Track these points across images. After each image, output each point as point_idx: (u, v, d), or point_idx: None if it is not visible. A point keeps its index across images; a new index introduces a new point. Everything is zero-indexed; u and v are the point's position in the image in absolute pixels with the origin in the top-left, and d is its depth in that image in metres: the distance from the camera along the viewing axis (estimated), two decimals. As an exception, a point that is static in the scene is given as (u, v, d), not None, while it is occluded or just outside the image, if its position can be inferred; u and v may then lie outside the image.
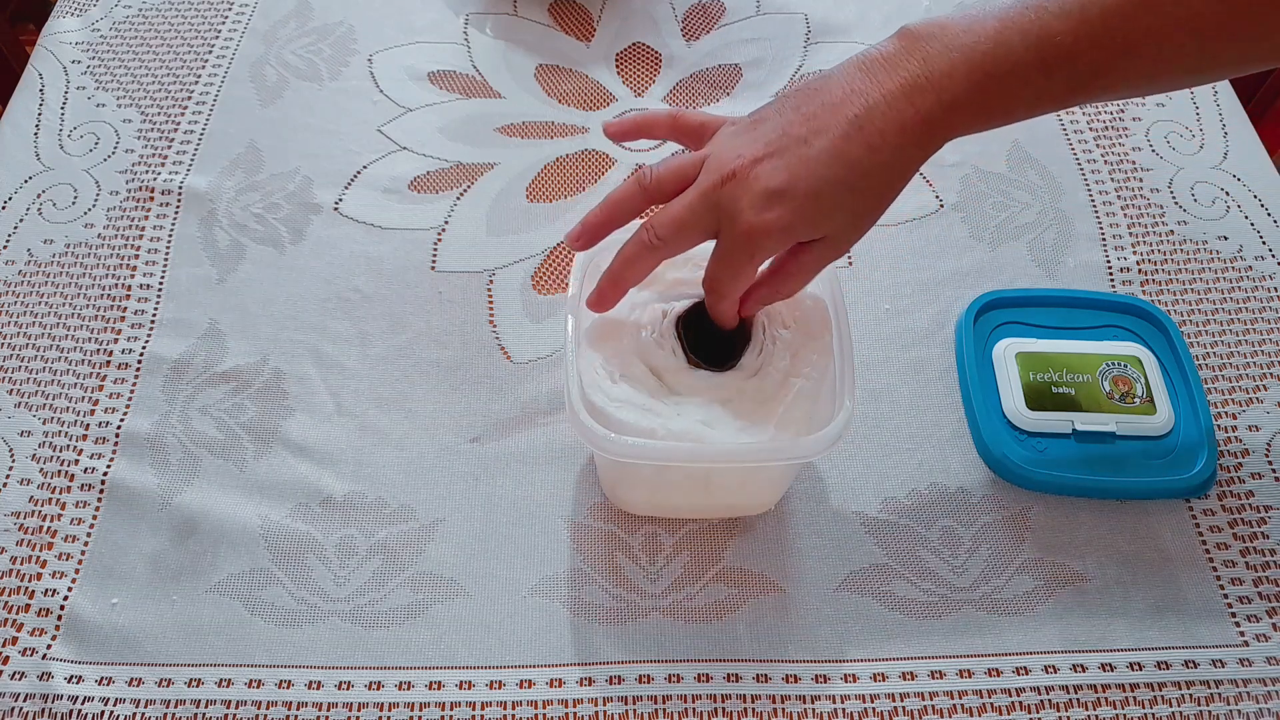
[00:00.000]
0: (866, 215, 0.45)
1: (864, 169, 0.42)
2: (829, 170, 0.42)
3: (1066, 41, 0.41)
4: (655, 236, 0.45)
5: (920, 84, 0.42)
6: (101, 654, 0.51)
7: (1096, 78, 0.42)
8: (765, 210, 0.42)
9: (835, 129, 0.42)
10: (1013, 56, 0.41)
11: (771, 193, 0.42)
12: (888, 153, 0.42)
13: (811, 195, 0.42)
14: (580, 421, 0.45)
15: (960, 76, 0.41)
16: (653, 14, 0.82)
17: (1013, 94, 0.42)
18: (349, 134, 0.73)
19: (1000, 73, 0.41)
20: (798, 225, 0.43)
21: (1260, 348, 0.63)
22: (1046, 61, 0.41)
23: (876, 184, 0.43)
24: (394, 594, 0.53)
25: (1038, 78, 0.42)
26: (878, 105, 0.42)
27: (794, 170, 0.42)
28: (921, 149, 0.43)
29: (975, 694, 0.50)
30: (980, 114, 0.43)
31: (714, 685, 0.51)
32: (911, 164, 0.44)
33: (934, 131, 0.43)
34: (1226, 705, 0.50)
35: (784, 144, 0.43)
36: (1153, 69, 0.42)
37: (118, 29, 0.79)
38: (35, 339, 0.62)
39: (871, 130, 0.42)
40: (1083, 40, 0.41)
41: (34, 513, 0.55)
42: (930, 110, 0.42)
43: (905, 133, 0.42)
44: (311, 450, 0.58)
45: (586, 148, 0.73)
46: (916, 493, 0.57)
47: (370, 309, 0.64)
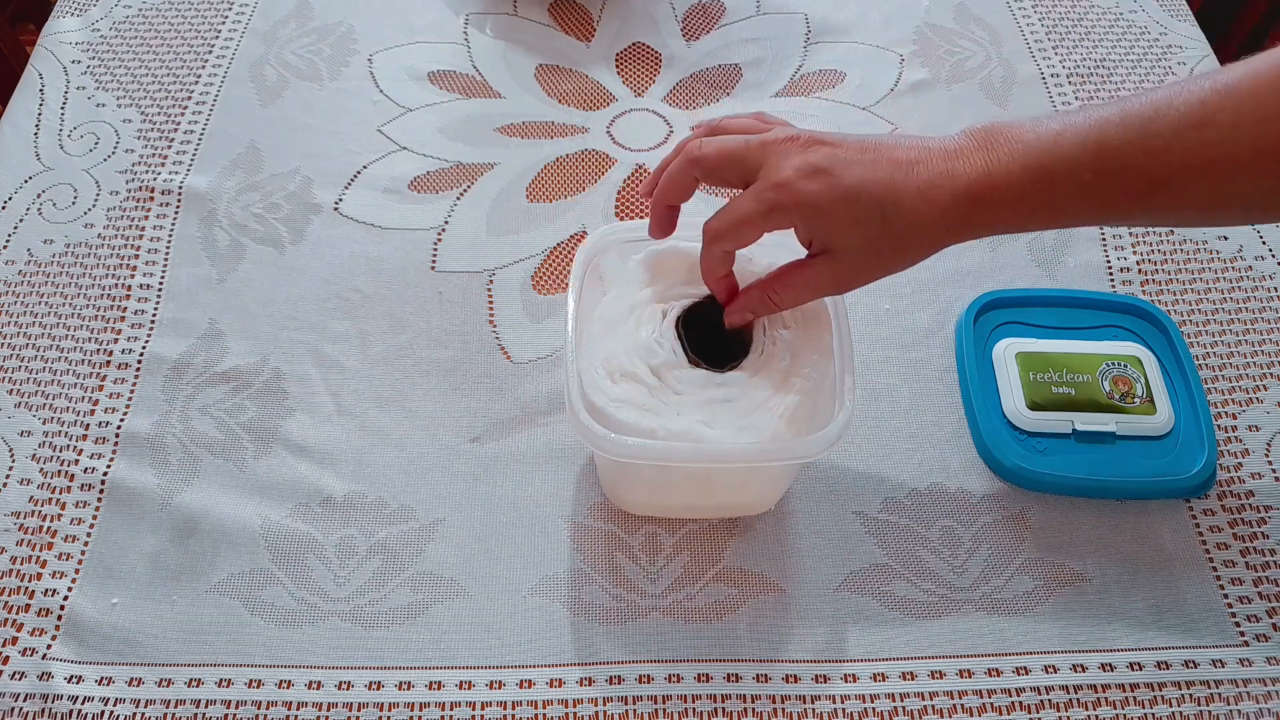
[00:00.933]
0: (879, 255, 0.44)
1: (903, 208, 0.43)
2: (875, 186, 0.43)
3: (1124, 149, 0.41)
4: (698, 155, 0.45)
5: (980, 168, 0.42)
6: (101, 654, 0.51)
7: (1154, 191, 0.42)
8: (805, 177, 0.43)
9: (896, 166, 0.43)
10: (1068, 156, 0.42)
11: (819, 168, 0.43)
12: (929, 210, 0.43)
13: (849, 193, 0.42)
14: (580, 421, 0.45)
15: (1017, 167, 0.42)
16: (653, 14, 0.82)
17: (1064, 193, 0.42)
18: (349, 134, 0.73)
19: (1055, 169, 0.42)
20: (823, 209, 0.43)
21: (1260, 348, 0.63)
22: (1102, 165, 0.41)
23: (907, 230, 0.43)
24: (394, 594, 0.53)
25: (1092, 180, 0.42)
26: (938, 172, 0.43)
27: (847, 166, 0.43)
28: (962, 223, 0.43)
29: (975, 694, 0.50)
30: (1029, 208, 0.43)
31: (714, 685, 0.51)
32: (945, 233, 0.44)
33: (981, 212, 0.43)
34: (1226, 705, 0.50)
35: (849, 148, 0.44)
36: (1214, 191, 0.41)
37: (118, 29, 0.79)
38: (35, 339, 0.62)
39: (924, 183, 0.43)
40: (1139, 151, 0.41)
41: (34, 513, 0.55)
42: (982, 192, 0.42)
43: (954, 202, 0.42)
44: (311, 450, 0.58)
45: (586, 148, 0.73)
46: (916, 493, 0.57)
47: (370, 309, 0.64)
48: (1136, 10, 0.82)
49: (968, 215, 0.43)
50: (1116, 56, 0.79)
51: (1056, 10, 0.82)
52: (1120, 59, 0.79)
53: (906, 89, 0.77)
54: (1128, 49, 0.80)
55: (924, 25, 0.81)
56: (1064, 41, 0.80)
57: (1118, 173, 0.41)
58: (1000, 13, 0.82)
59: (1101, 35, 0.80)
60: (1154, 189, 0.42)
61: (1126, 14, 0.82)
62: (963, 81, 0.77)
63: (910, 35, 0.81)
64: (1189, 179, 0.41)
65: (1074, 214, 0.43)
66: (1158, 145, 0.41)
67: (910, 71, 0.78)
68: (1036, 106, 0.76)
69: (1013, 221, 0.44)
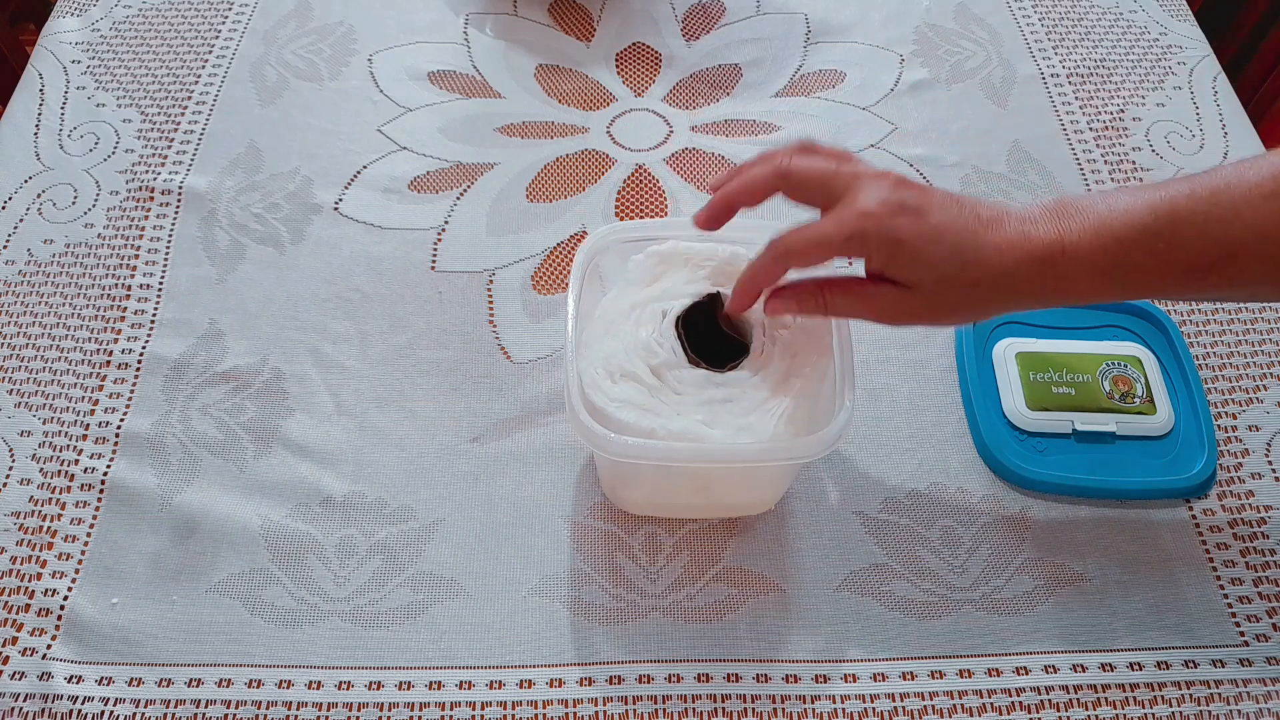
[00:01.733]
0: (947, 299, 0.44)
1: (981, 259, 0.43)
2: (959, 233, 0.43)
3: (1196, 218, 0.42)
4: (788, 167, 0.46)
5: (1054, 236, 0.43)
6: (101, 654, 0.51)
7: (1228, 261, 0.42)
8: (893, 212, 0.43)
9: (978, 220, 0.44)
10: (1139, 224, 0.42)
11: (905, 205, 0.43)
12: (1003, 266, 0.43)
13: (934, 234, 0.43)
14: (580, 421, 0.45)
15: (1089, 236, 0.42)
16: (653, 14, 0.82)
17: (1135, 260, 0.42)
18: (349, 134, 0.73)
19: (1126, 237, 0.42)
20: (906, 245, 0.43)
21: (1260, 348, 0.63)
22: (1174, 234, 0.42)
23: (979, 281, 0.43)
24: (394, 594, 0.53)
25: (1164, 249, 0.42)
26: (1015, 232, 0.43)
27: (933, 210, 0.43)
28: (1031, 287, 0.43)
29: (975, 694, 0.50)
30: (1100, 275, 0.43)
31: (714, 685, 0.51)
32: (1014, 295, 0.44)
33: (1052, 277, 0.43)
34: (1226, 705, 0.50)
35: (934, 195, 0.44)
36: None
37: (118, 29, 0.79)
38: (35, 339, 0.62)
39: (1003, 240, 0.43)
40: (1212, 220, 0.41)
41: (34, 513, 0.55)
42: (1054, 257, 0.43)
43: (1028, 261, 0.43)
44: (311, 450, 0.58)
45: (586, 148, 0.73)
46: (916, 493, 0.57)
47: (370, 309, 0.64)
48: (1136, 10, 0.82)
49: (1038, 279, 0.43)
50: (1116, 56, 0.79)
51: (1056, 10, 0.82)
52: (1120, 59, 0.79)
53: (906, 89, 0.77)
54: (1128, 49, 0.80)
55: (924, 25, 0.81)
56: (1064, 41, 0.80)
57: (1190, 242, 0.42)
58: (1000, 13, 0.82)
59: (1101, 35, 0.80)
60: (1227, 259, 0.42)
61: (1126, 14, 0.82)
62: (963, 81, 0.77)
63: (910, 35, 0.81)
64: (1263, 248, 0.41)
65: (1144, 283, 0.44)
66: (1230, 215, 0.41)
67: (910, 71, 0.78)
68: (1036, 106, 0.76)
69: (1082, 289, 0.44)
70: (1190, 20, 0.82)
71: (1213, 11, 1.13)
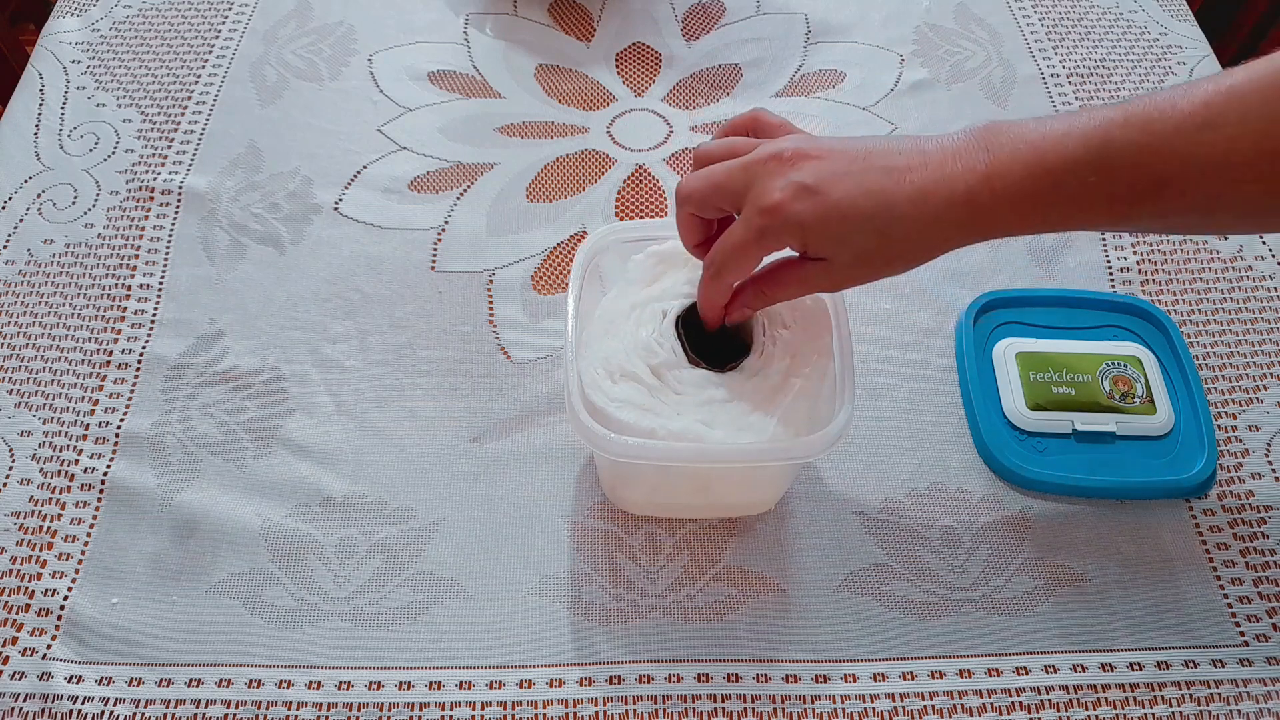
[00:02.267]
0: (874, 264, 0.44)
1: (896, 217, 0.42)
2: (865, 200, 0.42)
3: (1128, 149, 0.41)
4: (685, 193, 0.46)
5: (979, 170, 0.42)
6: (101, 654, 0.51)
7: (1159, 191, 0.41)
8: (792, 198, 0.42)
9: (887, 174, 0.42)
10: (1072, 155, 0.41)
11: (805, 187, 0.42)
12: (923, 218, 0.42)
13: (838, 210, 0.42)
14: (580, 421, 0.45)
15: (1019, 167, 0.41)
16: (653, 14, 0.82)
17: (1067, 194, 0.42)
18: (349, 134, 0.73)
19: (1058, 169, 0.41)
20: (812, 228, 0.42)
21: (1260, 348, 0.63)
22: (1106, 165, 0.41)
23: (900, 241, 0.43)
24: (394, 594, 0.53)
25: (1095, 182, 0.41)
26: (933, 178, 0.42)
27: (835, 181, 0.42)
28: (958, 231, 0.43)
29: (975, 694, 0.50)
30: (1030, 209, 0.42)
31: (714, 685, 0.51)
32: (941, 242, 0.43)
33: (977, 217, 0.42)
34: (1226, 705, 0.50)
35: (836, 159, 0.43)
36: (1218, 193, 0.41)
37: (118, 29, 0.79)
38: (35, 339, 0.62)
39: (917, 190, 0.42)
40: (1144, 150, 0.41)
41: (34, 513, 0.55)
42: (980, 197, 0.42)
43: (949, 207, 0.42)
44: (311, 450, 0.58)
45: (586, 148, 0.73)
46: (916, 493, 0.57)
47: (370, 309, 0.64)
48: (1136, 10, 0.82)
49: (964, 221, 0.42)
50: (1116, 56, 0.79)
51: (1056, 10, 0.82)
52: (1120, 59, 0.79)
53: (906, 89, 0.77)
54: (1128, 49, 0.80)
55: (924, 25, 0.81)
56: (1064, 41, 0.80)
57: (1122, 172, 0.41)
58: (1000, 13, 0.82)
59: (1101, 35, 0.80)
60: (1159, 189, 0.41)
61: (1126, 14, 0.82)
62: (963, 81, 0.77)
63: (910, 35, 0.81)
64: (1193, 179, 0.40)
65: (1075, 216, 0.43)
66: (1162, 145, 0.40)
67: (910, 71, 0.78)
68: (1036, 107, 0.76)
69: (1012, 224, 0.43)
70: (1190, 20, 0.82)
71: (1213, 11, 1.13)
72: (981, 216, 0.42)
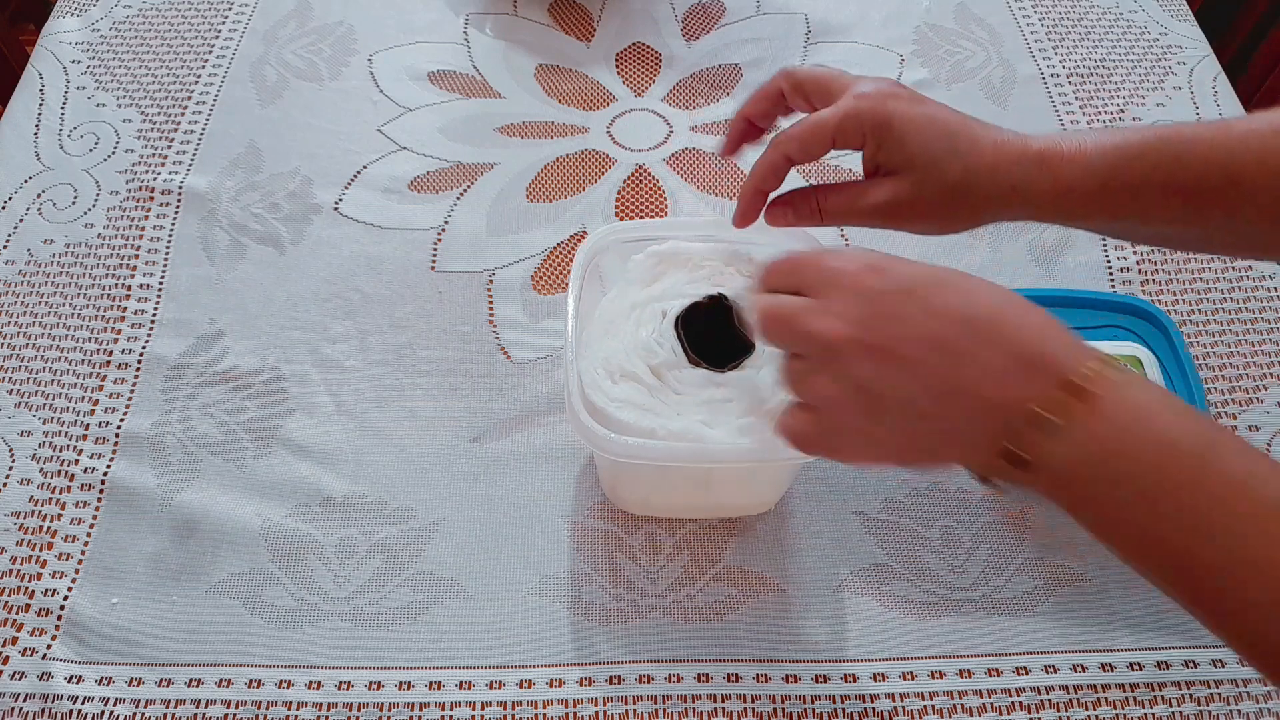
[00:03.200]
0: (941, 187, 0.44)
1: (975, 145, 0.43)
2: (952, 119, 0.44)
3: (1196, 141, 0.41)
4: (791, 69, 0.47)
5: (1050, 140, 0.43)
6: (101, 654, 0.51)
7: (1229, 188, 0.41)
8: (886, 96, 0.44)
9: (972, 119, 0.44)
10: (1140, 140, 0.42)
11: (899, 92, 0.44)
12: (997, 156, 0.43)
13: (926, 115, 0.43)
14: (580, 421, 0.45)
15: (1090, 144, 0.43)
16: (653, 14, 0.82)
17: (1136, 172, 0.42)
18: (349, 134, 0.73)
19: (1128, 149, 0.42)
20: (895, 125, 0.43)
21: (1260, 348, 0.63)
22: (1177, 154, 0.42)
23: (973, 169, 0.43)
24: (394, 594, 0.53)
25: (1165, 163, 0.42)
26: (1012, 134, 0.44)
27: (928, 101, 0.44)
28: (1026, 185, 0.43)
29: (975, 694, 0.50)
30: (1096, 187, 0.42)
31: (714, 685, 0.51)
32: (1009, 192, 0.43)
33: (1047, 177, 0.43)
34: (1226, 705, 0.50)
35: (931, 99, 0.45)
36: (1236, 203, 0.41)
37: (118, 29, 0.79)
38: (35, 339, 0.62)
39: (999, 137, 0.43)
40: (1219, 149, 0.41)
41: (34, 513, 0.55)
42: (1051, 157, 0.43)
43: (1022, 157, 0.43)
44: (311, 450, 0.58)
45: (586, 148, 0.73)
46: (916, 493, 0.57)
47: (370, 309, 0.64)
48: (1136, 10, 0.82)
49: (1033, 179, 0.42)
50: (1116, 56, 0.79)
51: (1056, 10, 0.82)
52: (1120, 59, 0.79)
53: (906, 89, 0.77)
54: (1128, 49, 0.80)
55: (924, 25, 0.81)
56: (1064, 41, 0.80)
57: (1193, 162, 0.41)
58: (1000, 13, 0.82)
59: (1101, 35, 0.80)
60: (1230, 184, 0.41)
61: (1126, 14, 0.82)
62: (963, 81, 0.77)
63: (910, 35, 0.80)
64: (1265, 181, 0.40)
65: (1144, 202, 0.42)
66: (1235, 143, 0.41)
67: (910, 71, 0.78)
68: (1036, 107, 0.76)
69: (1078, 198, 0.43)
70: (1190, 20, 0.82)
71: (1213, 11, 1.13)
72: (1050, 178, 0.42)
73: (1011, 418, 0.33)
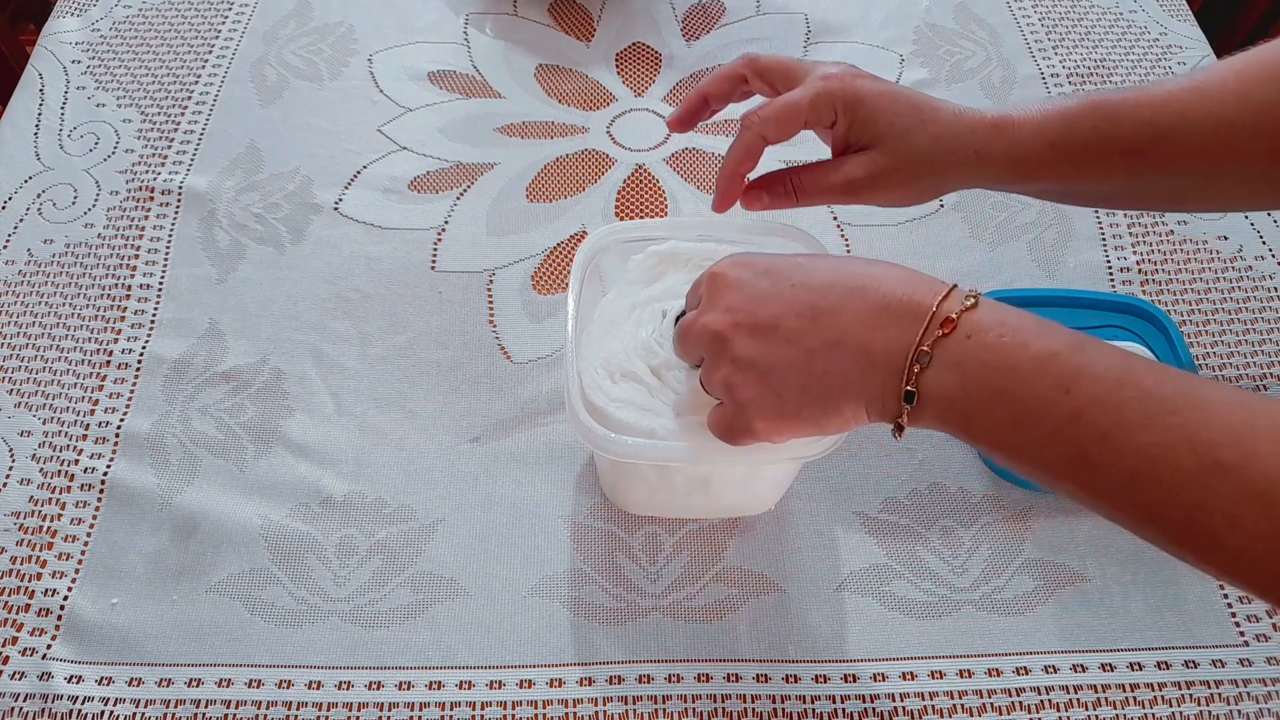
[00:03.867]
0: (912, 156, 0.47)
1: (938, 115, 0.47)
2: (913, 94, 0.47)
3: (1124, 103, 0.46)
4: (753, 56, 0.50)
5: (1000, 112, 0.47)
6: (101, 654, 0.51)
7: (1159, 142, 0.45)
8: (851, 75, 0.47)
9: (930, 97, 0.48)
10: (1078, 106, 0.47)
11: (861, 73, 0.48)
12: (959, 124, 0.47)
13: (891, 90, 0.47)
14: (580, 421, 0.45)
15: (1034, 112, 0.47)
16: (653, 14, 0.82)
17: (1078, 136, 0.46)
18: (349, 134, 0.73)
19: (1069, 113, 0.46)
20: (865, 100, 0.46)
21: (1260, 348, 0.63)
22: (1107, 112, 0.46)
23: (939, 137, 0.46)
24: (394, 594, 0.53)
25: (1104, 126, 0.46)
26: (966, 107, 0.48)
27: (886, 82, 0.48)
28: (986, 151, 0.47)
29: (975, 694, 0.50)
30: (1045, 147, 0.46)
31: (714, 685, 0.51)
32: (971, 155, 0.47)
33: (1002, 140, 0.47)
34: (1226, 705, 0.50)
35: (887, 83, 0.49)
36: (1213, 150, 0.45)
37: (118, 29, 0.79)
38: (35, 339, 0.62)
39: (955, 108, 0.47)
40: (1143, 105, 0.46)
41: (34, 513, 0.55)
42: (1003, 123, 0.47)
43: (979, 124, 0.47)
44: (311, 450, 0.58)
45: (586, 148, 0.73)
46: (916, 493, 0.57)
47: (370, 309, 0.64)
48: (1136, 10, 0.82)
49: (994, 141, 0.46)
50: (1116, 56, 0.79)
51: (1056, 10, 0.82)
52: (1120, 59, 0.79)
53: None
54: (1128, 49, 0.80)
55: (924, 25, 0.81)
56: (1064, 41, 0.80)
57: (1125, 119, 0.45)
58: (1000, 13, 0.82)
59: (1101, 35, 0.80)
60: (1159, 140, 0.45)
61: (1126, 14, 0.82)
62: (963, 81, 0.77)
63: (910, 35, 0.81)
64: (1188, 134, 0.45)
65: (1091, 159, 0.46)
66: (1158, 101, 0.45)
67: (910, 71, 0.78)
68: (1036, 106, 0.76)
69: (1034, 160, 0.46)
70: (1190, 20, 0.82)
71: (1213, 11, 1.13)
72: (1008, 141, 0.46)
73: (891, 356, 0.37)
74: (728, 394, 0.40)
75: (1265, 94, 0.43)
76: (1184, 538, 0.33)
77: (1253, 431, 0.31)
